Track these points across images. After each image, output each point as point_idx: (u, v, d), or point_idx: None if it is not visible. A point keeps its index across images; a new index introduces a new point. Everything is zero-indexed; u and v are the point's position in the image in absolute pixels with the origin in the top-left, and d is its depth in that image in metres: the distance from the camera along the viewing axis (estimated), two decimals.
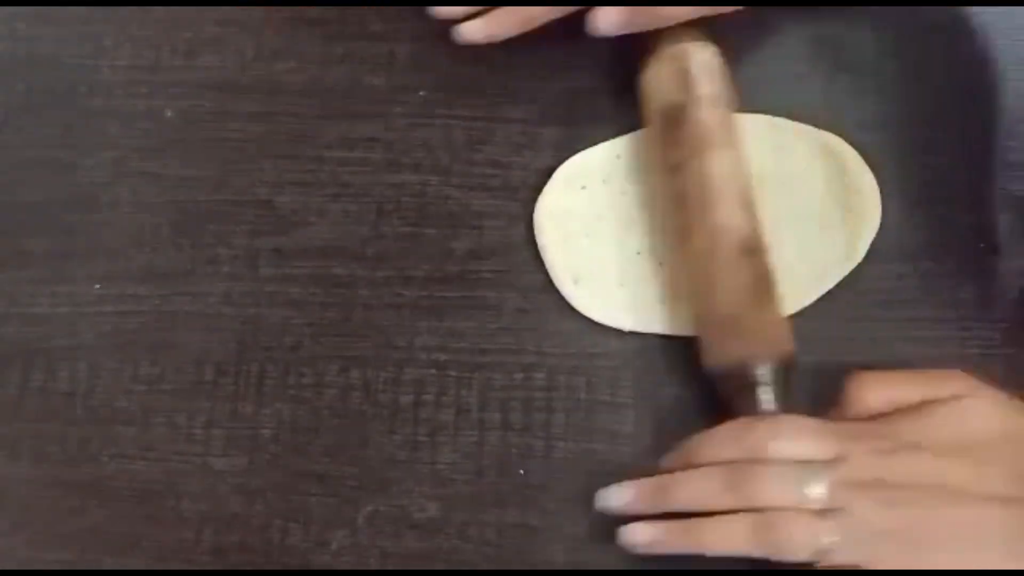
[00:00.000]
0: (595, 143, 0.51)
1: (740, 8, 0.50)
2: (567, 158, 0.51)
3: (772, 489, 0.40)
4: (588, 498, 0.46)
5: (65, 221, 0.51)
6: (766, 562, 0.40)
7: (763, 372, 0.44)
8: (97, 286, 0.50)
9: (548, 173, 0.51)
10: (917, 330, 0.48)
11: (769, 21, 0.52)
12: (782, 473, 0.41)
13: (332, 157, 0.52)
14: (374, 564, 0.46)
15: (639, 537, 0.42)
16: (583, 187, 0.50)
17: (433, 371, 0.48)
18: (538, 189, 0.51)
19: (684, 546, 0.41)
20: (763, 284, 0.46)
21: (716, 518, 0.41)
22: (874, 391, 0.44)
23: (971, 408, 0.42)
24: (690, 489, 0.42)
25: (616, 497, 0.43)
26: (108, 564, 0.46)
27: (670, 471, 0.43)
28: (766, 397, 0.44)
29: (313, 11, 0.55)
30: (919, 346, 0.48)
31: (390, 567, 0.46)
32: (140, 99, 0.53)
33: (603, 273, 0.49)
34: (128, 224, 0.51)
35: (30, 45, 0.55)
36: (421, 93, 0.53)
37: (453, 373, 0.48)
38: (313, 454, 0.47)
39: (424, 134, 0.52)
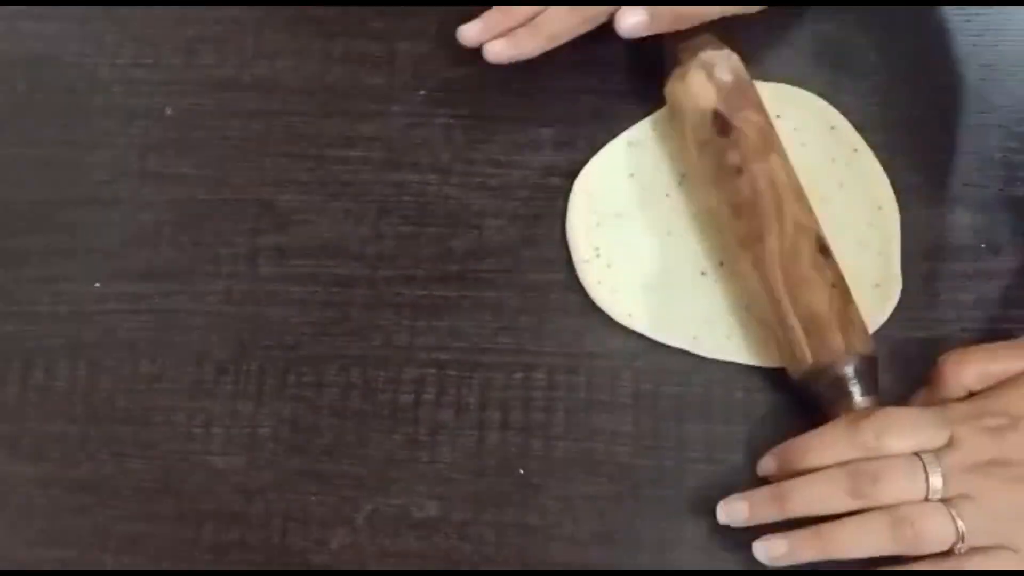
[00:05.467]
0: (594, 143, 0.51)
1: (764, 8, 0.50)
2: (566, 158, 0.51)
3: (897, 485, 0.40)
4: (587, 497, 0.46)
5: (65, 220, 0.51)
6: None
7: (852, 368, 0.44)
8: (97, 285, 0.50)
9: (547, 172, 0.51)
10: (918, 331, 0.48)
11: (770, 21, 0.52)
12: (902, 467, 0.40)
13: (332, 156, 0.52)
14: (373, 563, 0.46)
15: (775, 551, 0.41)
16: (631, 174, 0.51)
17: (433, 370, 0.48)
18: (537, 188, 0.51)
19: (821, 553, 0.40)
20: (843, 281, 0.45)
21: (847, 521, 0.40)
22: (972, 367, 0.43)
23: None
24: (812, 495, 0.41)
25: (737, 512, 0.42)
26: (108, 563, 0.46)
27: (775, 478, 0.42)
28: (859, 393, 0.44)
29: (313, 10, 0.55)
30: (919, 346, 0.47)
31: (389, 566, 0.46)
32: (140, 97, 0.53)
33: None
34: (128, 223, 0.51)
35: (31, 43, 0.55)
36: (421, 92, 0.53)
37: (453, 372, 0.48)
38: (313, 453, 0.47)
39: (424, 133, 0.52)
